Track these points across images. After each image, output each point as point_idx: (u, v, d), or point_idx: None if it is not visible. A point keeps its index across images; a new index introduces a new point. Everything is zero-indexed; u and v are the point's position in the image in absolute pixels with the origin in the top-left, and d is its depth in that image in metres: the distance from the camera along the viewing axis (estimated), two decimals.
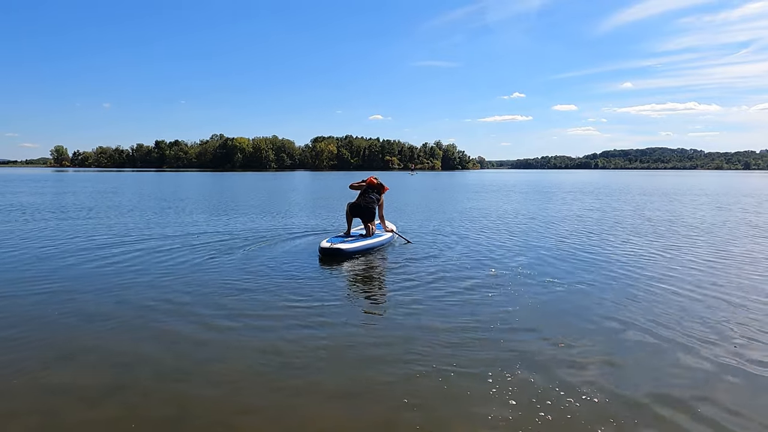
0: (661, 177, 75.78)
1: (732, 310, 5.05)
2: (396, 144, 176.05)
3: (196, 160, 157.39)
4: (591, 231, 11.20)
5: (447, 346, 4.04)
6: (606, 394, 3.23)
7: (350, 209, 8.78)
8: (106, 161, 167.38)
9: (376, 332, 4.43)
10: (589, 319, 4.74)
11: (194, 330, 4.42)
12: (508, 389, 3.28)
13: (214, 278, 6.33)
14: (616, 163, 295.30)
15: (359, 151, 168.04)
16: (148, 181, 46.10)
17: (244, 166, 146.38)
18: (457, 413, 3.02)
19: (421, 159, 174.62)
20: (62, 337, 4.27)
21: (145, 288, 5.84)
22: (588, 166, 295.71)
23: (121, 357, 3.86)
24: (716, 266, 7.28)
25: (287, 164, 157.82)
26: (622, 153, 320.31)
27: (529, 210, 17.04)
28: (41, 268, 6.96)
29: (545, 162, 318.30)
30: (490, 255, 8.06)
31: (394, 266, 7.25)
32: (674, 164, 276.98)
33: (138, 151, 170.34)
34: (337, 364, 3.75)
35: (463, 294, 5.62)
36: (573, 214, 15.60)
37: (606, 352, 3.94)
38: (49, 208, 16.20)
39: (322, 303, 5.27)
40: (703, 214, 15.44)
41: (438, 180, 57.78)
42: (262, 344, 4.10)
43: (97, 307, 5.09)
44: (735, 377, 3.49)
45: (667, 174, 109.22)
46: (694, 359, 3.78)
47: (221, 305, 5.15)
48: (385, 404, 3.15)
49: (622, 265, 7.33)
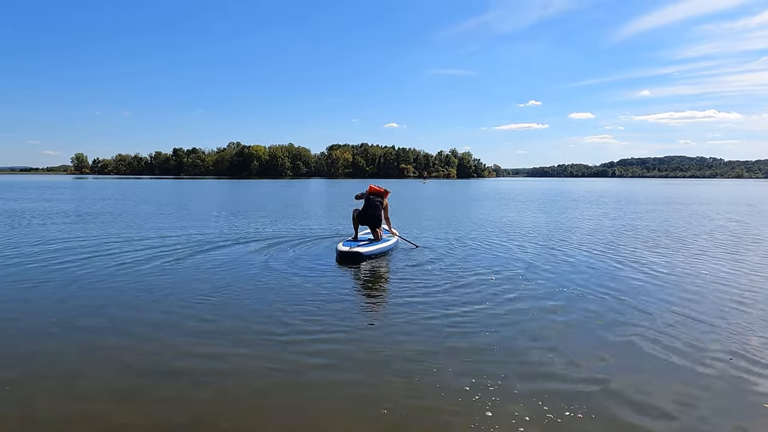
0: (683, 186, 74.56)
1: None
2: (411, 152, 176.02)
3: (213, 167, 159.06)
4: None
5: (457, 352, 4.07)
6: (622, 409, 3.24)
7: (357, 217, 9.10)
8: (125, 168, 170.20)
9: (390, 336, 4.47)
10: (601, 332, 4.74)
11: (209, 330, 4.53)
12: (520, 400, 3.27)
13: (239, 278, 6.54)
14: (633, 172, 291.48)
15: (375, 159, 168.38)
16: (169, 188, 46.56)
17: (261, 173, 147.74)
18: (467, 421, 3.03)
19: (436, 167, 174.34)
20: (88, 342, 4.37)
21: (168, 286, 6.03)
22: (605, 174, 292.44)
23: (132, 358, 3.93)
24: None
25: (303, 172, 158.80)
26: (639, 161, 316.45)
27: (556, 222, 16.93)
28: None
29: (561, 170, 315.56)
30: (502, 262, 8.10)
31: (409, 270, 7.34)
32: (693, 172, 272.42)
33: (156, 158, 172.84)
34: (352, 366, 3.80)
35: (472, 301, 5.64)
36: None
37: (622, 366, 3.94)
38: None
39: (337, 306, 5.38)
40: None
41: (453, 189, 57.52)
42: (276, 344, 4.18)
43: (115, 303, 5.25)
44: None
45: (686, 183, 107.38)
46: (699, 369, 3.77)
47: (244, 306, 5.29)
48: (397, 408, 3.17)
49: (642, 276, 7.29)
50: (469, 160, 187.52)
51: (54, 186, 48.14)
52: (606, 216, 18.04)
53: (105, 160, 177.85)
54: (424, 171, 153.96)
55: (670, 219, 16.76)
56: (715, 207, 23.64)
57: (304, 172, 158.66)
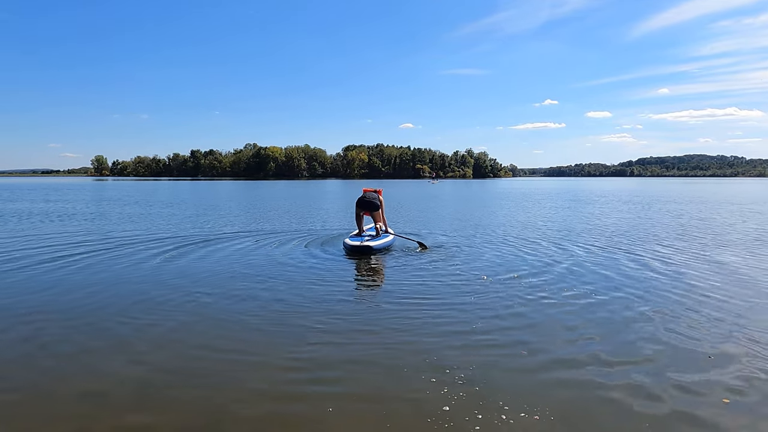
0: (707, 184, 73.30)
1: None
2: (427, 152, 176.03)
3: (230, 169, 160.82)
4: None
5: (469, 352, 4.05)
6: (643, 406, 3.17)
7: (358, 203, 9.85)
8: (143, 170, 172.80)
9: (402, 336, 4.45)
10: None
11: (224, 330, 4.59)
12: (536, 404, 3.19)
13: (258, 274, 6.87)
14: (652, 171, 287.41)
15: (390, 160, 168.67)
16: (190, 190, 47.13)
17: (277, 174, 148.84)
18: (482, 423, 2.97)
19: (452, 167, 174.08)
20: (107, 339, 4.40)
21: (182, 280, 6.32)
22: (623, 173, 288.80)
23: (147, 357, 3.95)
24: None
25: (319, 173, 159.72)
26: (658, 160, 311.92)
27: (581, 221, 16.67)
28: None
29: (579, 170, 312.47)
30: (514, 261, 8.07)
31: (418, 269, 7.47)
32: (713, 171, 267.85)
33: (174, 160, 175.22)
34: (365, 368, 3.77)
35: (478, 300, 5.62)
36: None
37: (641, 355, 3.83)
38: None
39: (352, 301, 5.65)
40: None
41: (468, 189, 57.28)
42: (292, 344, 4.22)
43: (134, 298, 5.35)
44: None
45: (707, 181, 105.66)
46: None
47: (262, 303, 5.49)
48: (414, 411, 3.12)
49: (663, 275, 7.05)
50: (485, 160, 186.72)
51: (90, 187, 48.95)
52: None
53: (124, 162, 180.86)
54: (433, 172, 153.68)
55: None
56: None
57: (320, 173, 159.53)
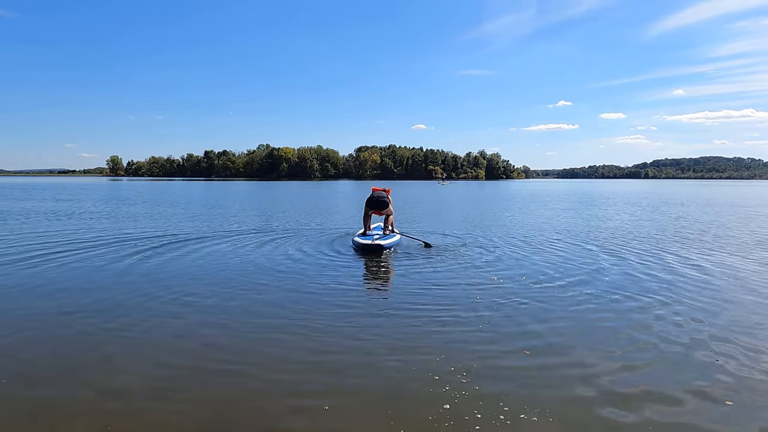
0: (725, 186, 71.85)
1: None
2: (439, 153, 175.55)
3: (243, 169, 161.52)
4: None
5: (473, 352, 4.09)
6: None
7: (367, 203, 9.93)
8: (158, 171, 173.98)
9: (414, 336, 4.48)
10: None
11: (234, 330, 4.66)
12: (536, 404, 3.21)
13: (270, 271, 7.13)
14: (667, 173, 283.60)
15: (403, 161, 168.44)
16: (205, 191, 47.06)
17: (290, 175, 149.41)
18: (482, 423, 3.00)
19: (464, 168, 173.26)
20: (118, 338, 4.43)
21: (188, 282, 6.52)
22: (637, 175, 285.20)
23: (161, 356, 4.01)
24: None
25: (331, 173, 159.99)
26: (673, 162, 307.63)
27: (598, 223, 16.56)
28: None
29: (592, 171, 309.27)
30: (525, 264, 8.04)
31: (425, 268, 7.55)
32: (730, 173, 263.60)
33: (188, 160, 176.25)
34: (370, 366, 3.83)
35: (484, 300, 5.64)
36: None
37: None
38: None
39: (364, 297, 5.77)
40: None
41: (480, 191, 56.63)
42: (305, 344, 4.26)
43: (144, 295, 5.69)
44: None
45: (724, 183, 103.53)
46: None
47: (276, 303, 5.56)
48: (416, 410, 3.15)
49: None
50: (498, 162, 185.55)
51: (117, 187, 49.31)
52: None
53: (139, 162, 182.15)
54: (444, 173, 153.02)
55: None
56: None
57: (332, 174, 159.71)
